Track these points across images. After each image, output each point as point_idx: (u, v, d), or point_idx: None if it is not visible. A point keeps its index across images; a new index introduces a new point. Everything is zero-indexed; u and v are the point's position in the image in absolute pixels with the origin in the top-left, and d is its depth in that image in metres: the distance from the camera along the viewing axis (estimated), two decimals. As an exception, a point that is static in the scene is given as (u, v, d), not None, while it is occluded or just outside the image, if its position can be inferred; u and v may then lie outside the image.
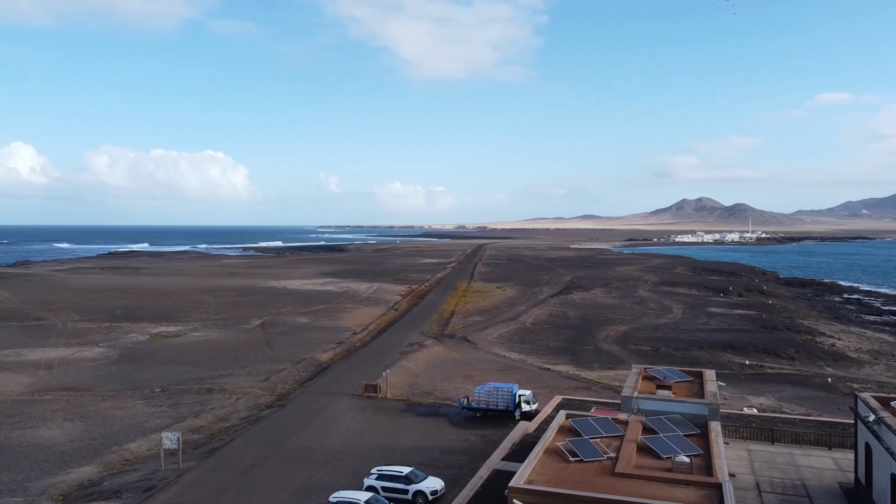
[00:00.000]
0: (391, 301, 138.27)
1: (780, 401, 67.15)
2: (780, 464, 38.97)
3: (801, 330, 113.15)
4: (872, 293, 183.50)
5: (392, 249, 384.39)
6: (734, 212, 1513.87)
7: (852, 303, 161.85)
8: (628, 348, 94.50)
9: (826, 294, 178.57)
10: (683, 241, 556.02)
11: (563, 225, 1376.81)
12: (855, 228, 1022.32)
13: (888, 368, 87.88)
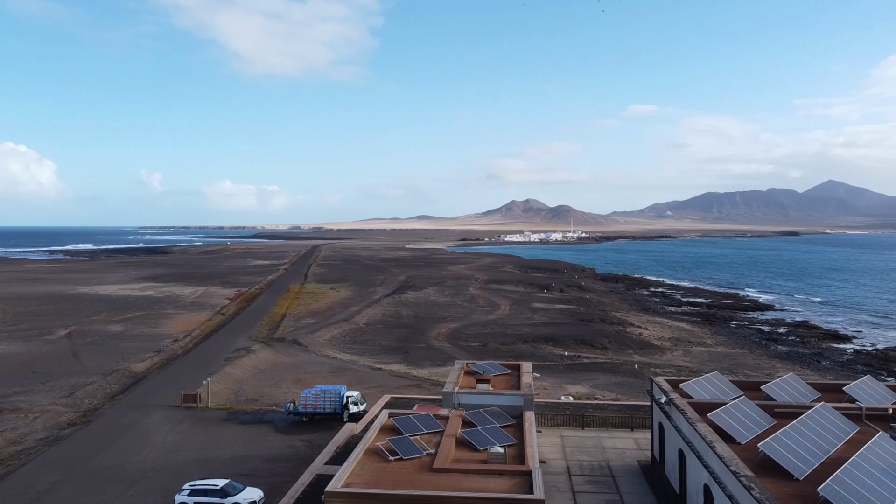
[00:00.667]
0: (218, 305, 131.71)
1: (594, 388, 72.13)
2: (589, 447, 41.77)
3: (614, 321, 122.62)
4: (674, 286, 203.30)
5: (221, 251, 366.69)
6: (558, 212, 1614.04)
7: (658, 295, 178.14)
8: (458, 344, 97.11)
9: (636, 288, 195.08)
10: (512, 241, 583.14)
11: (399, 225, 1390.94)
12: (660, 228, 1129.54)
13: (685, 354, 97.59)
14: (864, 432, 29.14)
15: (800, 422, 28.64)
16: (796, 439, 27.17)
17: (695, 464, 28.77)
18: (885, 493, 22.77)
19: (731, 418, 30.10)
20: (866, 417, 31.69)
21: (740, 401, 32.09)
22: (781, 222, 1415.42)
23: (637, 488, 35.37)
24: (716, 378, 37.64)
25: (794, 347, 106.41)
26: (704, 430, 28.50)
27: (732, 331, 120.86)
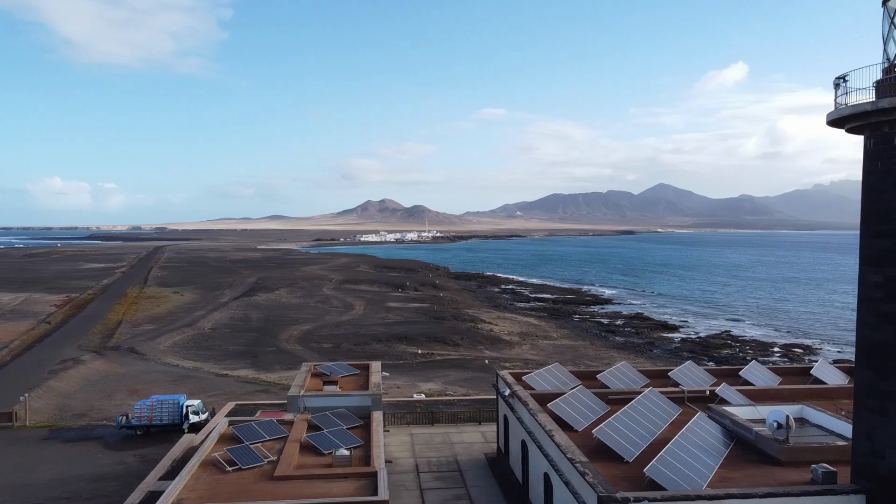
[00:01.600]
0: (43, 313, 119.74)
1: (446, 384, 73.11)
2: (438, 443, 42.08)
3: (466, 318, 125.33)
4: (523, 283, 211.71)
5: (49, 254, 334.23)
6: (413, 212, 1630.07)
7: (508, 292, 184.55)
8: (310, 347, 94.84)
9: (488, 285, 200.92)
10: (368, 241, 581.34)
11: (250, 225, 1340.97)
12: (511, 227, 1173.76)
13: (532, 347, 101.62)
14: (686, 413, 31.43)
15: (630, 407, 30.40)
16: (627, 424, 28.77)
17: (536, 453, 29.68)
18: (702, 469, 24.61)
19: (569, 407, 31.38)
20: (688, 400, 34.28)
21: (577, 390, 33.58)
22: (619, 222, 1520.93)
23: (483, 481, 36.03)
24: (556, 369, 39.21)
25: (630, 338, 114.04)
26: (544, 420, 29.46)
27: (575, 324, 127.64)
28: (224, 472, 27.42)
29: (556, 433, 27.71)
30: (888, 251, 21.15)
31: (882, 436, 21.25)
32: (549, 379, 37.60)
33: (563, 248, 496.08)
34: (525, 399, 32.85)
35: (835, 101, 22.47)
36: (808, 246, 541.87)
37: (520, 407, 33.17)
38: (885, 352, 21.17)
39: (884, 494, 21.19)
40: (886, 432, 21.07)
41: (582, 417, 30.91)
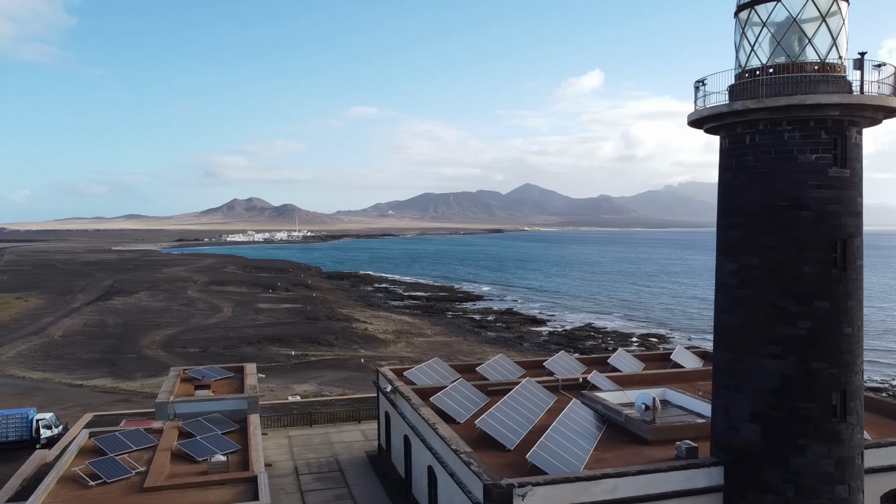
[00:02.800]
0: None
1: (322, 385, 71.81)
2: (317, 444, 41.22)
3: (341, 318, 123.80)
4: (397, 282, 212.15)
5: None
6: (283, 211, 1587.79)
7: (381, 291, 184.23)
8: (175, 352, 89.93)
9: (361, 285, 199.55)
10: (235, 241, 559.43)
11: (104, 225, 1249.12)
12: (383, 226, 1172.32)
13: (408, 345, 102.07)
14: (561, 401, 32.73)
15: (509, 397, 31.24)
16: (507, 413, 29.54)
17: (419, 447, 29.78)
18: (579, 453, 25.72)
19: (450, 400, 31.76)
20: (562, 388, 35.72)
21: (458, 383, 34.07)
22: (488, 221, 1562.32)
23: (365, 479, 35.70)
24: (436, 364, 39.58)
25: (501, 332, 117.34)
26: (427, 414, 29.63)
27: (449, 321, 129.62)
28: (87, 488, 25.33)
29: (440, 426, 27.94)
30: (741, 241, 23.08)
31: (737, 411, 23.17)
32: (430, 374, 37.88)
33: (435, 246, 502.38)
34: (407, 394, 32.87)
35: (694, 104, 24.23)
36: (659, 243, 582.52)
37: (402, 402, 33.15)
38: (740, 334, 23.10)
39: (740, 464, 23.12)
40: (741, 407, 23.00)
41: (464, 410, 31.38)
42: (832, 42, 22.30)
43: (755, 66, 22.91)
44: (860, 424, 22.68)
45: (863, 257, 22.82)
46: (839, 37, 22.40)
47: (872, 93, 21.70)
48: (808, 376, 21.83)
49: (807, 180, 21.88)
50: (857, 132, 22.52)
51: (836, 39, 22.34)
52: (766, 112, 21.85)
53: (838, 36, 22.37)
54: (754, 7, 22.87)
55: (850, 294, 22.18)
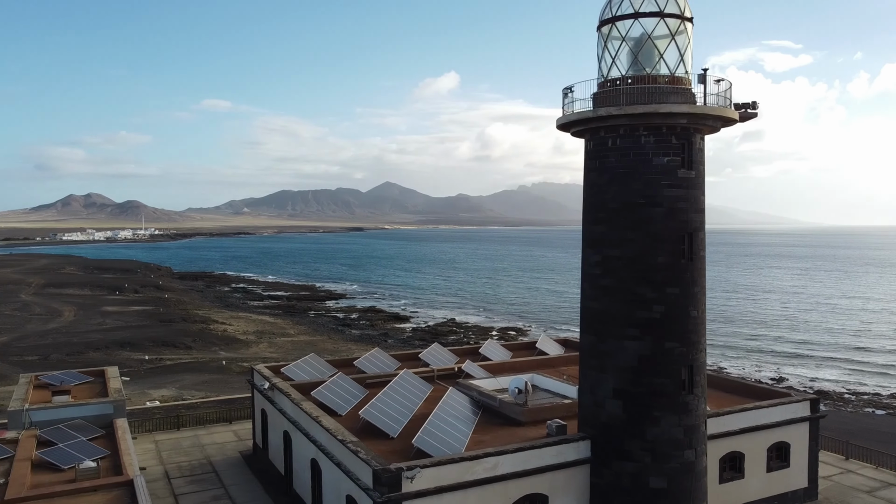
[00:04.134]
0: None
1: (181, 389, 68.77)
2: (187, 447, 39.85)
3: (197, 320, 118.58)
4: (255, 281, 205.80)
5: None
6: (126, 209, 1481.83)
7: (239, 291, 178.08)
8: (11, 361, 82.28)
9: (217, 285, 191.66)
10: (73, 240, 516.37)
11: None
12: (238, 225, 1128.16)
13: (270, 345, 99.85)
14: (437, 390, 34.03)
15: (389, 388, 32.09)
16: (388, 403, 30.37)
17: (301, 441, 29.88)
18: (459, 436, 27.09)
19: (331, 394, 32.09)
20: (438, 378, 37.10)
21: (338, 377, 34.43)
22: (348, 219, 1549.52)
23: (241, 478, 35.10)
24: (313, 359, 39.60)
25: (365, 330, 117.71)
26: (309, 408, 29.81)
27: (312, 320, 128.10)
28: (-66, 505, 23.19)
29: (324, 418, 28.26)
30: (605, 235, 25.42)
31: (601, 389, 25.51)
32: (308, 369, 37.88)
33: (294, 244, 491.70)
34: (287, 390, 32.77)
35: (562, 109, 26.29)
36: (515, 240, 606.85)
37: (281, 398, 33.00)
38: (604, 319, 25.45)
39: (604, 437, 25.47)
40: (605, 386, 25.34)
41: (344, 402, 31.83)
42: (680, 58, 25.13)
43: (616, 77, 25.31)
44: (704, 396, 25.75)
45: (705, 249, 25.91)
46: (686, 53, 25.28)
47: (714, 104, 24.74)
48: (663, 355, 24.51)
49: (660, 180, 24.53)
50: (701, 138, 25.54)
51: (684, 56, 25.21)
52: (626, 118, 24.26)
53: (685, 53, 25.25)
54: (615, 23, 25.26)
55: (696, 281, 25.14)
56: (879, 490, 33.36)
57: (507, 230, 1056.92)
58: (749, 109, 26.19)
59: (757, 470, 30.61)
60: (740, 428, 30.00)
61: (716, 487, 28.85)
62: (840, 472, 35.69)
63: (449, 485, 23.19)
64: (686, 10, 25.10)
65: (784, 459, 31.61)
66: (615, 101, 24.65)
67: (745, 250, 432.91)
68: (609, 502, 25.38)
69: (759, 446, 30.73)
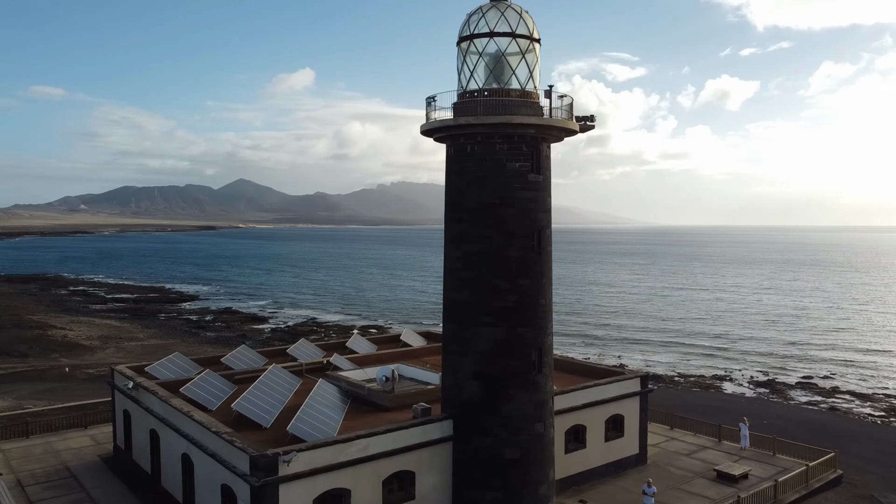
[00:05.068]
0: None
1: (20, 399, 64.31)
2: (39, 454, 38.12)
3: (32, 325, 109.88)
4: (97, 283, 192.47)
5: None
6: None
7: (79, 294, 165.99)
8: None
9: (53, 288, 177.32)
10: None
11: None
12: (75, 223, 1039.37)
13: (118, 350, 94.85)
14: (307, 383, 35.20)
15: (260, 382, 32.89)
16: (259, 396, 31.24)
17: (171, 438, 30.03)
18: (330, 423, 28.62)
19: (200, 390, 32.37)
20: (307, 371, 38.23)
21: (206, 374, 34.65)
22: (199, 217, 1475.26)
23: (103, 481, 34.31)
24: (178, 358, 39.28)
25: (222, 332, 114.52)
26: (179, 404, 30.02)
27: (163, 323, 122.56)
28: None
29: (195, 413, 28.68)
30: (464, 232, 27.99)
31: (462, 372, 28.07)
32: (173, 368, 37.59)
33: (140, 244, 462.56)
34: (153, 389, 32.60)
35: (426, 116, 28.58)
36: (375, 239, 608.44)
37: (147, 397, 32.75)
38: (464, 308, 28.02)
39: (465, 416, 28.04)
40: (466, 369, 27.92)
41: (214, 398, 32.24)
42: (529, 74, 28.19)
43: (474, 89, 27.95)
44: (551, 375, 29.03)
45: (552, 245, 29.19)
46: (534, 70, 28.40)
47: (558, 117, 28.01)
48: (515, 339, 27.45)
49: (512, 183, 27.43)
50: (547, 146, 28.76)
51: (533, 72, 28.30)
52: (483, 127, 26.93)
53: (534, 69, 28.35)
54: (472, 40, 27.89)
55: (544, 273, 28.32)
56: (696, 452, 38.70)
57: (366, 229, 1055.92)
58: (588, 122, 29.82)
59: (597, 440, 34.64)
60: (583, 403, 33.85)
61: (562, 457, 32.42)
62: (666, 439, 40.86)
63: (323, 466, 24.71)
64: (535, 32, 28.21)
65: (619, 430, 35.95)
66: (473, 112, 27.25)
67: (592, 248, 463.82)
68: (469, 474, 27.99)
69: (599, 419, 34.79)
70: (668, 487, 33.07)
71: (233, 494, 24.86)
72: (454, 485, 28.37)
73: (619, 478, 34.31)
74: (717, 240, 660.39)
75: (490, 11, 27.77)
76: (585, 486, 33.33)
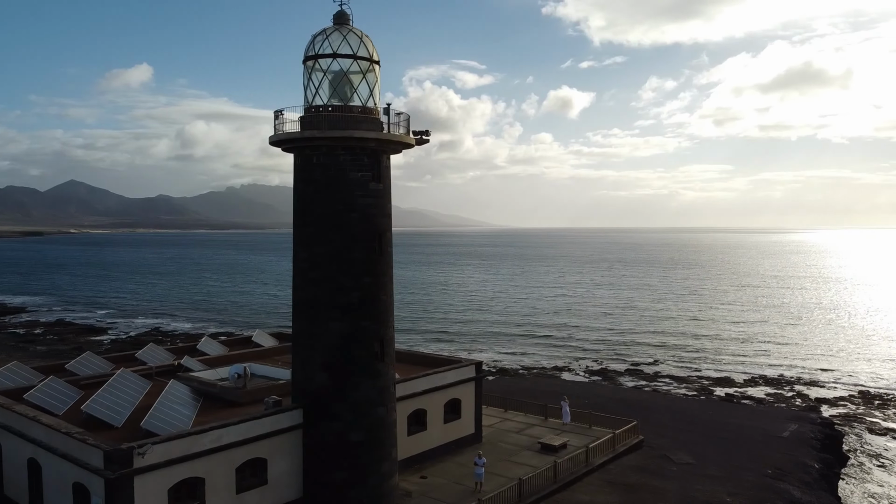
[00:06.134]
0: None
1: None
2: None
3: None
4: None
5: None
6: None
7: None
8: None
9: None
10: None
11: None
12: None
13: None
14: (158, 385, 35.91)
15: (109, 385, 33.32)
16: (109, 398, 31.79)
17: (14, 444, 29.92)
18: (183, 418, 29.97)
19: (45, 395, 32.30)
20: (157, 374, 38.75)
21: (50, 380, 34.40)
22: (24, 222, 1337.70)
23: (-65, 497, 33.03)
24: (16, 367, 38.28)
25: (55, 345, 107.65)
26: (24, 410, 29.95)
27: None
28: None
29: (42, 416, 28.89)
30: (312, 236, 30.48)
31: (311, 364, 30.51)
32: (11, 377, 36.66)
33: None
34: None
35: (274, 128, 30.76)
36: (224, 244, 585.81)
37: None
38: (312, 305, 30.49)
39: (314, 404, 30.49)
40: (315, 361, 30.40)
41: (61, 403, 32.30)
42: (370, 92, 31.19)
43: (319, 104, 30.52)
44: (392, 363, 32.17)
45: (392, 246, 32.35)
46: (375, 89, 31.43)
47: (396, 132, 31.23)
48: (360, 332, 30.29)
49: (355, 191, 30.28)
50: (387, 158, 31.89)
51: (373, 91, 31.32)
52: (328, 140, 29.57)
53: (374, 88, 31.38)
54: (317, 60, 30.46)
55: (385, 272, 31.41)
56: (525, 430, 43.51)
57: (214, 233, 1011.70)
58: (424, 136, 33.33)
59: (436, 422, 38.26)
60: (423, 389, 37.32)
61: (405, 439, 35.66)
62: (500, 420, 45.43)
63: (178, 457, 26.19)
64: (374, 54, 31.25)
65: (457, 413, 39.82)
66: (319, 126, 29.82)
67: (446, 249, 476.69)
68: (319, 458, 30.46)
69: (438, 403, 38.44)
70: (499, 460, 37.33)
71: (85, 491, 25.66)
72: (305, 468, 30.70)
73: (457, 455, 38.08)
74: (561, 241, 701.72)
75: (333, 34, 30.49)
76: (427, 464, 36.78)
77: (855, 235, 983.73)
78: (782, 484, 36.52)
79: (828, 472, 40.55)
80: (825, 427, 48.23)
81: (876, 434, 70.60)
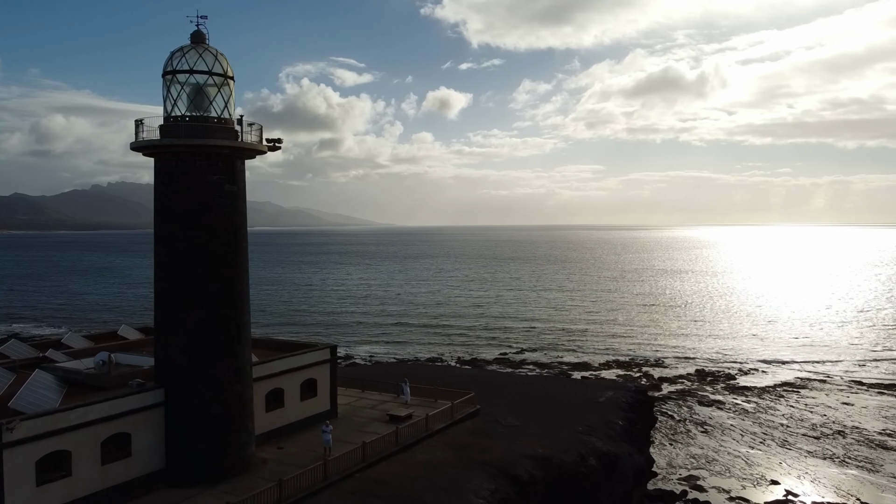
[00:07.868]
0: None
1: None
2: None
3: None
4: None
5: None
6: None
7: None
8: None
9: None
10: None
11: None
12: None
13: None
14: (22, 375, 37.81)
15: (-27, 375, 35.11)
16: (-26, 387, 33.73)
17: None
18: (49, 401, 32.62)
19: None
20: (21, 367, 40.46)
21: (-90, 373, 35.60)
22: None
23: None
24: None
25: None
26: None
27: None
28: None
29: None
30: (172, 232, 34.01)
31: (172, 347, 34.04)
32: None
33: None
34: None
35: (136, 134, 34.00)
36: (89, 245, 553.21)
37: None
38: (173, 295, 34.03)
39: (177, 383, 34.03)
40: (175, 344, 33.94)
41: (-77, 393, 33.78)
42: (225, 104, 35.06)
43: (178, 115, 34.07)
44: (249, 346, 36.22)
45: (247, 241, 36.34)
46: (229, 101, 35.32)
47: (248, 141, 35.28)
48: (218, 317, 34.15)
49: (212, 192, 34.07)
50: (241, 162, 35.87)
51: (228, 103, 35.20)
52: (185, 147, 33.22)
53: (229, 101, 35.27)
54: (175, 74, 34.00)
55: (241, 264, 35.41)
56: (378, 406, 48.56)
57: (79, 234, 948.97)
58: (276, 143, 37.54)
59: (293, 400, 42.51)
60: (280, 370, 41.50)
61: (263, 415, 39.70)
62: (357, 399, 50.23)
63: (45, 432, 29.06)
64: (228, 70, 35.15)
65: (313, 391, 44.22)
66: (177, 134, 33.40)
67: (327, 248, 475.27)
68: (180, 431, 34.02)
69: (295, 383, 42.71)
70: (351, 430, 42.10)
71: (-47, 468, 28.00)
72: (167, 441, 34.15)
73: (312, 429, 42.43)
74: (443, 239, 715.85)
75: (190, 52, 34.13)
76: (284, 437, 40.96)
77: (713, 232, 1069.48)
78: (589, 437, 43.75)
79: (630, 429, 48.41)
80: (638, 394, 56.54)
81: (704, 405, 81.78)
